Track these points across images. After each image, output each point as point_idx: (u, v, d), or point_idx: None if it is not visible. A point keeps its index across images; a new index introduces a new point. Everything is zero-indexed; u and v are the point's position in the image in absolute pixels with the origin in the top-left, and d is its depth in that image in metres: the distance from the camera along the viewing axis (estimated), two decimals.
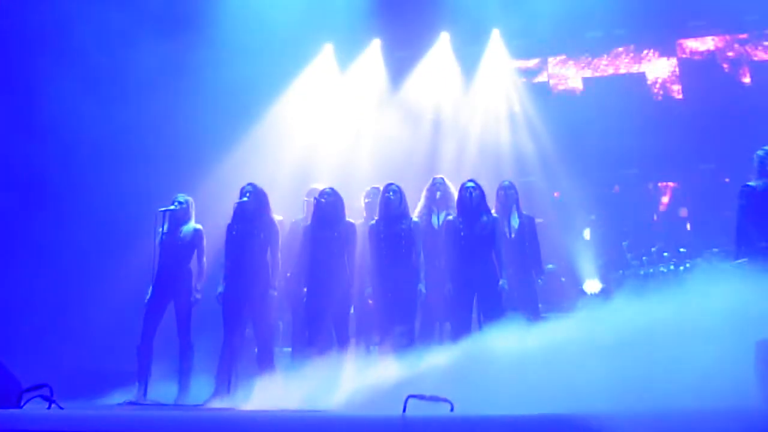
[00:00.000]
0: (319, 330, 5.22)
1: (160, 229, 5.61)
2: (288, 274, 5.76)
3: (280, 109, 8.16)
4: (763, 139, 5.74)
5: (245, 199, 5.42)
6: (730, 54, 8.63)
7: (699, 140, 7.89)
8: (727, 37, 8.64)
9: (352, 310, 5.51)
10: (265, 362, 5.21)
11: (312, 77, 8.51)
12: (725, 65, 8.63)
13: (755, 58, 8.54)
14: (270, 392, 3.28)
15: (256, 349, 5.43)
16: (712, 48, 8.67)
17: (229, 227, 5.47)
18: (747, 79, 8.51)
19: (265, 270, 5.40)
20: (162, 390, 5.19)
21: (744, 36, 8.60)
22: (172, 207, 5.63)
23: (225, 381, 5.03)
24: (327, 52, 8.57)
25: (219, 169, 7.08)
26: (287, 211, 6.20)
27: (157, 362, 5.51)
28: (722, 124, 7.94)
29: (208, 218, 5.85)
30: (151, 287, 5.53)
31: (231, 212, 5.51)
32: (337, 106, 8.55)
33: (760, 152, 5.10)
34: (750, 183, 5.05)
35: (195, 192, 5.93)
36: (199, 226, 5.70)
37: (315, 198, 5.45)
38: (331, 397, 3.14)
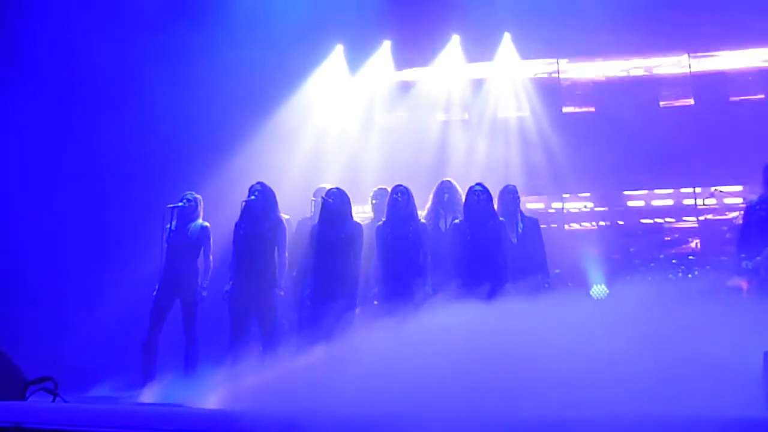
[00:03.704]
0: (323, 330, 5.21)
1: (168, 226, 5.64)
2: (294, 273, 5.78)
3: (289, 108, 8.17)
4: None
5: (253, 197, 5.45)
6: (741, 64, 8.58)
7: (709, 148, 7.81)
8: (738, 47, 8.58)
9: (357, 311, 5.52)
10: (270, 361, 5.21)
11: (322, 78, 8.52)
12: (736, 75, 8.57)
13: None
14: (272, 391, 3.29)
15: (261, 348, 5.44)
16: (724, 58, 8.62)
17: (237, 225, 5.50)
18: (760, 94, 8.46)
19: (271, 268, 5.42)
20: (167, 386, 5.20)
21: (755, 46, 8.54)
22: (180, 204, 5.66)
23: (230, 378, 5.02)
24: (337, 53, 8.58)
25: (228, 168, 7.10)
26: (295, 210, 6.22)
27: (163, 359, 5.54)
28: (732, 133, 7.87)
29: (216, 216, 5.88)
30: (157, 284, 5.56)
31: (239, 210, 5.53)
32: (347, 107, 8.56)
33: None
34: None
35: (203, 190, 5.96)
36: (206, 224, 5.72)
37: (322, 197, 5.46)
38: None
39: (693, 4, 7.93)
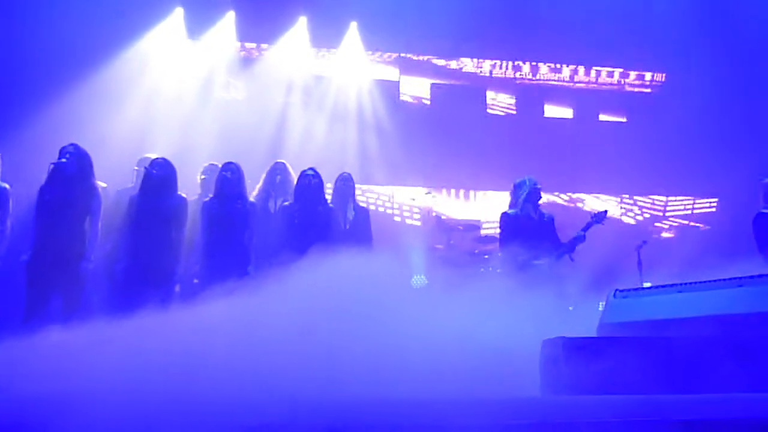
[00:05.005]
0: (137, 306, 4.94)
1: None
2: (108, 246, 5.40)
3: (118, 67, 7.53)
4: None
5: (64, 160, 4.97)
6: (558, 80, 9.56)
7: (526, 155, 8.54)
8: (561, 66, 9.53)
9: (177, 289, 5.32)
10: (67, 338, 4.81)
11: (157, 40, 7.96)
12: (553, 89, 9.52)
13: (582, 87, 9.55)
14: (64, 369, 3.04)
15: (61, 325, 5.01)
16: (544, 72, 9.52)
17: (42, 189, 4.98)
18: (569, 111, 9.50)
19: (80, 239, 5.00)
20: None
21: (576, 67, 9.55)
22: None
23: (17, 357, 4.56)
24: (176, 16, 8.05)
25: (36, 124, 6.40)
26: (114, 179, 5.77)
27: None
28: (546, 144, 8.73)
29: (17, 178, 5.27)
30: None
31: (46, 173, 5.02)
32: (183, 74, 8.10)
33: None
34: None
35: (3, 146, 5.31)
36: (5, 185, 5.11)
37: (145, 167, 5.16)
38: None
39: (525, 21, 8.66)
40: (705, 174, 8.67)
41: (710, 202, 9.47)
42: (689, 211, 9.53)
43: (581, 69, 9.53)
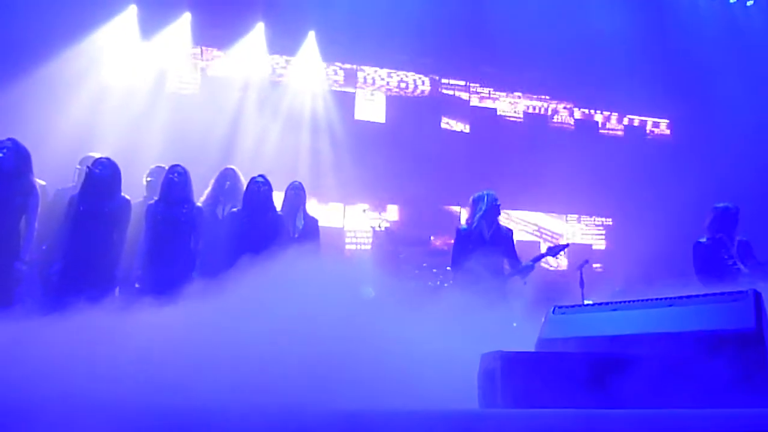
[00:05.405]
0: (70, 310, 4.76)
1: None
2: (44, 247, 5.20)
3: (65, 62, 7.29)
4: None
5: (0, 155, 4.78)
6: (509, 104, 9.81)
7: (478, 171, 8.69)
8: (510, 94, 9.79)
9: (116, 293, 5.15)
10: None
11: (109, 37, 7.75)
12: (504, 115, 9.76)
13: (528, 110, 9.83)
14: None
15: None
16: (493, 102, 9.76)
17: None
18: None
19: (14, 238, 4.81)
20: None
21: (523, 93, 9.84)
22: None
23: None
24: (130, 13, 7.87)
25: None
26: (54, 178, 5.58)
27: None
28: (501, 163, 8.91)
29: None
30: None
31: None
32: (134, 74, 7.90)
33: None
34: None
35: None
36: None
37: (88, 166, 5.00)
38: None
39: (476, 43, 8.85)
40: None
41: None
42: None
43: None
